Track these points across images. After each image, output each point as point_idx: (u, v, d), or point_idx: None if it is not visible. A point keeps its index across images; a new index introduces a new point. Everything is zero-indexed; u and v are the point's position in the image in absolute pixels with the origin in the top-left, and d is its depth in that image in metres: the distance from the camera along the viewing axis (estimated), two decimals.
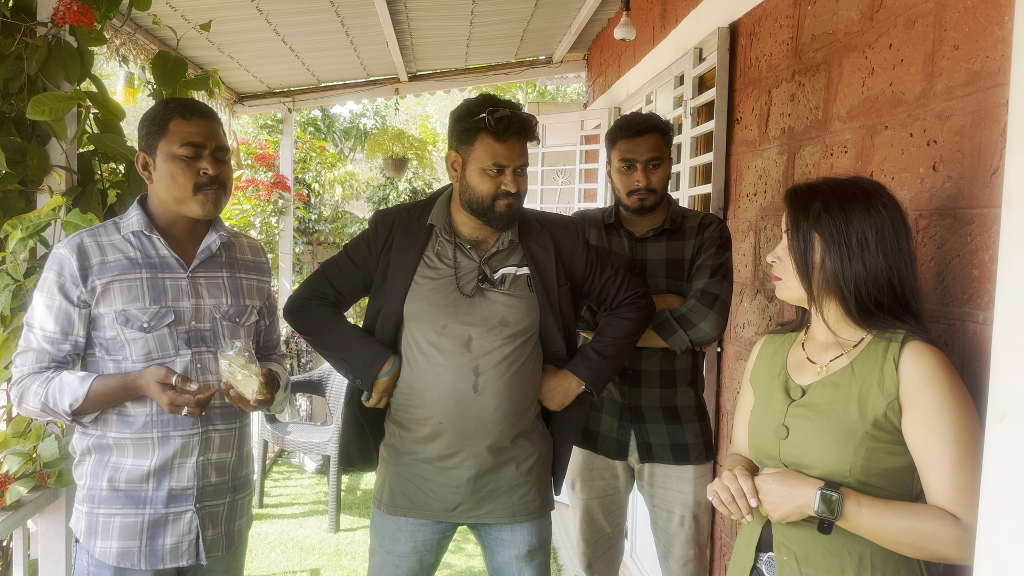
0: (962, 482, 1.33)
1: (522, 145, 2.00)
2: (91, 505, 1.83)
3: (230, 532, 1.97)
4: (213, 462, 1.90)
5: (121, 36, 3.85)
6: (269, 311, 2.09)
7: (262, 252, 2.12)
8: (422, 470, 2.07)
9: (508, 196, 1.99)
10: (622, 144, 2.39)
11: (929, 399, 1.37)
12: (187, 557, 1.86)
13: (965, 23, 1.57)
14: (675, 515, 2.43)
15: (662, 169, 2.37)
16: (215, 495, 1.91)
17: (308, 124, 10.34)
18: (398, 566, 2.11)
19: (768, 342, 1.73)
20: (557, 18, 4.99)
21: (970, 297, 1.54)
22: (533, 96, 10.38)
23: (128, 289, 1.81)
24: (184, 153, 1.81)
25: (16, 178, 2.20)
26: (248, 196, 6.36)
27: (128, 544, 1.82)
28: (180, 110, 1.83)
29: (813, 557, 1.46)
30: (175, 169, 1.81)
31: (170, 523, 1.84)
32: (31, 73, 2.17)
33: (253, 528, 4.59)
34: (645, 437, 2.40)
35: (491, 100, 1.99)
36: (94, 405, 1.76)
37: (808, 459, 1.47)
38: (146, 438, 1.82)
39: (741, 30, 2.82)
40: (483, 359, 1.99)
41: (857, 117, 1.99)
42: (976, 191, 1.52)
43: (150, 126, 1.84)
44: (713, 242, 2.35)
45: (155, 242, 1.86)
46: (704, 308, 2.27)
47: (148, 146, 1.84)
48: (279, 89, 6.13)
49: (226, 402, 1.89)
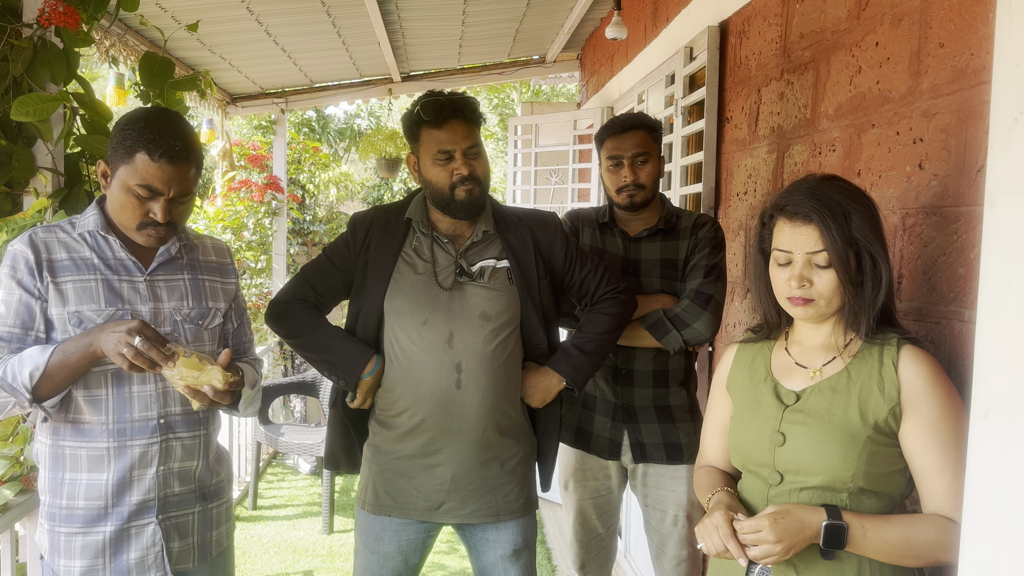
0: (964, 488, 1.34)
1: (465, 127, 2.00)
2: (52, 523, 1.77)
3: (204, 543, 1.90)
4: (176, 471, 1.82)
5: (111, 37, 3.84)
6: (237, 312, 2.02)
7: (228, 253, 2.04)
8: (406, 468, 2.06)
9: (464, 181, 2.00)
10: (609, 142, 2.40)
11: (931, 405, 1.37)
12: (154, 570, 1.79)
13: (950, 21, 1.56)
14: (668, 515, 2.42)
15: (650, 165, 2.37)
16: (180, 505, 1.84)
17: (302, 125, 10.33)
18: (383, 566, 2.10)
19: (743, 349, 1.68)
20: (550, 18, 4.99)
21: (956, 295, 1.53)
22: (527, 96, 10.38)
23: (82, 290, 1.74)
24: (139, 193, 1.71)
25: (2, 180, 2.19)
26: (241, 197, 6.34)
27: (92, 563, 1.75)
28: (149, 146, 1.68)
29: (812, 565, 1.44)
30: (126, 201, 1.72)
31: (132, 537, 1.77)
32: (16, 74, 2.16)
33: (247, 530, 4.61)
34: (638, 437, 2.40)
35: (426, 94, 2.03)
36: (54, 373, 1.63)
37: (807, 465, 1.45)
38: (101, 448, 1.74)
39: (731, 29, 2.82)
40: (465, 355, 1.99)
41: (845, 115, 1.99)
42: (962, 189, 1.52)
43: (119, 145, 1.71)
44: (707, 242, 2.34)
45: (111, 244, 1.80)
46: (698, 308, 2.27)
47: (111, 159, 1.74)
48: (272, 90, 6.13)
49: (188, 408, 1.82)
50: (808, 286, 1.44)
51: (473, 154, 2.02)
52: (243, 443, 5.28)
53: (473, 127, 2.02)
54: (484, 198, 2.05)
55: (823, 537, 1.37)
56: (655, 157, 2.39)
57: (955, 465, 1.34)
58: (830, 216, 1.41)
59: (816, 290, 1.44)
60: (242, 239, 6.27)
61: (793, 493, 1.47)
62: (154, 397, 1.78)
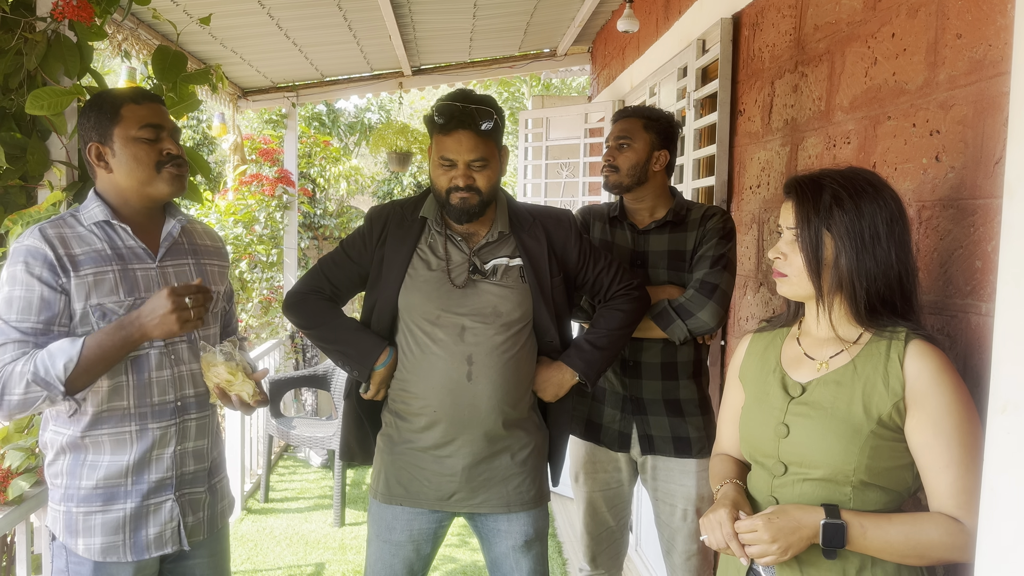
0: (968, 486, 1.32)
1: (472, 140, 1.97)
2: (69, 504, 1.80)
3: (213, 517, 1.98)
4: (191, 450, 1.90)
5: (124, 31, 3.85)
6: (227, 296, 2.10)
7: (219, 237, 2.13)
8: (417, 459, 2.08)
9: (459, 191, 2.00)
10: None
11: (936, 402, 1.36)
12: (171, 544, 1.87)
13: (968, 11, 1.55)
14: (678, 509, 2.42)
15: (630, 151, 2.39)
16: (193, 482, 1.91)
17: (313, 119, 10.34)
18: (394, 555, 2.12)
19: (756, 339, 1.68)
20: (560, 10, 4.97)
21: (973, 288, 1.52)
22: (538, 90, 10.36)
23: (103, 282, 1.77)
24: (144, 135, 1.81)
25: (16, 173, 2.20)
26: (252, 191, 6.35)
27: (112, 539, 1.80)
28: (131, 96, 1.83)
29: (816, 559, 1.43)
30: (137, 151, 1.81)
31: (151, 514, 1.84)
32: (31, 68, 2.17)
33: (259, 523, 4.63)
34: (647, 429, 2.40)
35: (454, 93, 2.02)
36: (90, 366, 1.67)
37: (810, 458, 1.44)
38: (123, 433, 1.80)
39: (744, 21, 2.80)
40: (476, 348, 2.00)
41: (860, 107, 1.97)
42: (979, 181, 1.51)
43: (99, 115, 1.81)
44: (715, 233, 2.34)
45: (120, 232, 1.84)
46: (703, 298, 2.26)
47: (101, 135, 1.81)
48: (283, 84, 6.13)
49: (199, 390, 1.91)
50: (783, 259, 1.50)
51: (477, 166, 2.00)
52: (255, 436, 5.30)
53: (482, 139, 1.98)
54: (480, 207, 2.04)
55: (822, 536, 1.37)
56: (639, 142, 2.39)
57: (960, 463, 1.33)
58: (810, 198, 1.44)
59: (788, 266, 1.49)
60: (253, 233, 6.29)
61: (796, 484, 1.47)
62: (171, 381, 1.86)
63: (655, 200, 2.44)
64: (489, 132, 1.99)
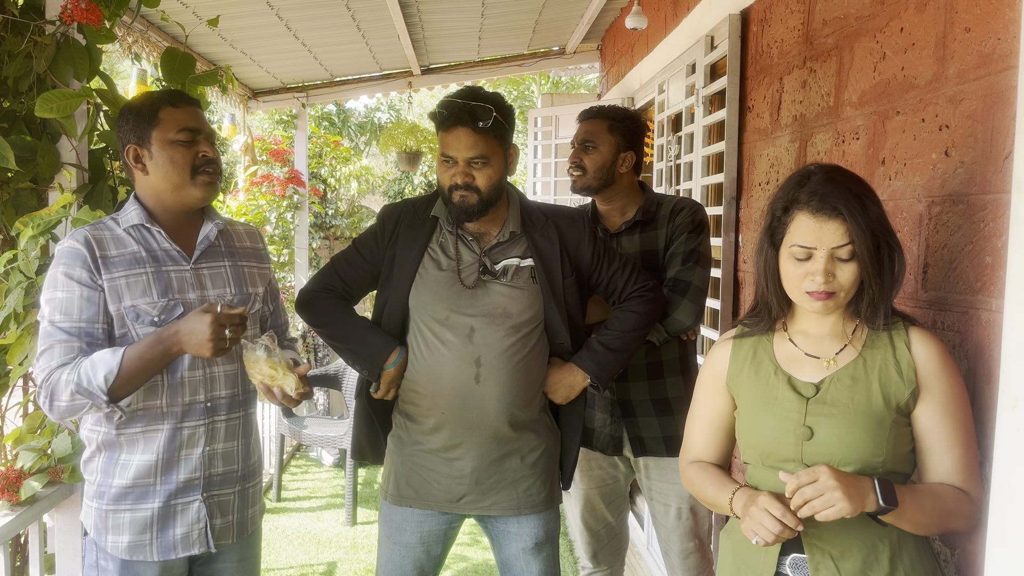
0: (972, 462, 1.42)
1: (471, 137, 1.96)
2: (100, 501, 1.84)
3: (242, 520, 1.98)
4: (220, 452, 1.91)
5: (133, 34, 3.87)
6: (272, 295, 2.10)
7: (259, 238, 2.13)
8: (427, 461, 2.07)
9: (458, 189, 2.00)
10: None
11: (943, 385, 1.43)
12: (198, 545, 1.88)
13: (976, 5, 1.54)
14: (672, 508, 2.41)
15: (596, 152, 2.39)
16: (222, 484, 1.92)
17: (323, 119, 10.37)
18: (405, 556, 2.12)
19: (738, 344, 1.63)
20: (569, 8, 4.96)
21: (983, 285, 1.51)
22: (547, 88, 10.35)
23: (136, 284, 1.81)
24: (182, 138, 1.83)
25: (27, 176, 2.21)
26: (263, 192, 6.38)
27: (139, 537, 1.83)
28: (169, 99, 1.86)
29: (850, 552, 1.43)
30: (174, 153, 1.83)
31: (178, 514, 1.85)
32: (40, 71, 2.18)
33: (271, 521, 4.65)
34: (637, 431, 2.39)
35: (459, 91, 2.02)
36: (131, 376, 1.71)
37: (839, 456, 1.43)
38: (156, 431, 1.83)
39: (752, 16, 2.79)
40: (485, 350, 1.99)
41: (869, 103, 1.96)
42: (989, 176, 1.49)
43: (137, 118, 1.84)
44: (685, 228, 2.32)
45: (155, 235, 1.87)
46: (677, 297, 2.25)
47: (139, 138, 1.84)
48: (292, 84, 6.15)
49: (232, 392, 1.92)
50: (831, 280, 1.43)
51: (477, 164, 1.99)
52: (267, 435, 5.32)
53: (481, 136, 1.97)
54: (480, 206, 2.02)
55: (880, 491, 1.33)
56: (605, 144, 2.39)
57: (964, 441, 1.42)
58: (858, 209, 1.40)
59: (837, 283, 1.44)
60: (264, 233, 6.32)
61: None
62: (202, 381, 1.88)
63: (625, 200, 2.44)
64: (489, 129, 1.97)
